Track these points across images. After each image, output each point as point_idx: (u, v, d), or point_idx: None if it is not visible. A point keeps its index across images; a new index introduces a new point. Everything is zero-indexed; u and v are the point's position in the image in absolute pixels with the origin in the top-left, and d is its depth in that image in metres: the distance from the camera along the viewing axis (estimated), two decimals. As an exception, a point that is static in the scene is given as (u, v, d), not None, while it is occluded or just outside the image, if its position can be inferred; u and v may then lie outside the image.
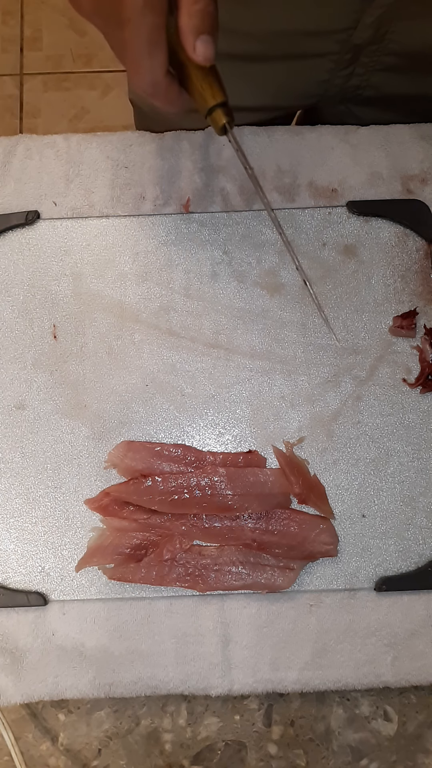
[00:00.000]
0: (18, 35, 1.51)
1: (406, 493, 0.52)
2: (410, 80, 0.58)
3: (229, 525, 0.51)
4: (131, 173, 0.57)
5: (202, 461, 0.52)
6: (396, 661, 0.50)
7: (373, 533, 0.52)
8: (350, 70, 0.56)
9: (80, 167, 0.57)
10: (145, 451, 0.52)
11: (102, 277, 0.55)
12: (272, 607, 0.51)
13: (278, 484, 0.51)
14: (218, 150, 0.57)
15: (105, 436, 0.53)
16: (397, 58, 0.55)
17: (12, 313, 0.55)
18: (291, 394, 0.54)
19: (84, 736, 0.52)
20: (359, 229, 0.56)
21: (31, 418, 0.53)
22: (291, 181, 0.57)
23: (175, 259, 0.55)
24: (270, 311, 0.55)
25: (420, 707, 0.52)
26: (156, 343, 0.54)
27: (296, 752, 0.52)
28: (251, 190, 0.57)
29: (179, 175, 0.57)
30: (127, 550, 0.51)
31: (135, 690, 0.50)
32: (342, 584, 0.51)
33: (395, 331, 0.54)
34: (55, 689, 0.50)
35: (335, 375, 0.54)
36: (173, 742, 0.52)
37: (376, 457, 0.53)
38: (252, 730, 0.52)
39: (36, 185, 0.57)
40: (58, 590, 0.51)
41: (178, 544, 0.50)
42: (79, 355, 0.54)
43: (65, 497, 0.52)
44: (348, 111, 0.63)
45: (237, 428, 0.53)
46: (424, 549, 0.51)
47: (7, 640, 0.51)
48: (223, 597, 0.51)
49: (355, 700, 0.52)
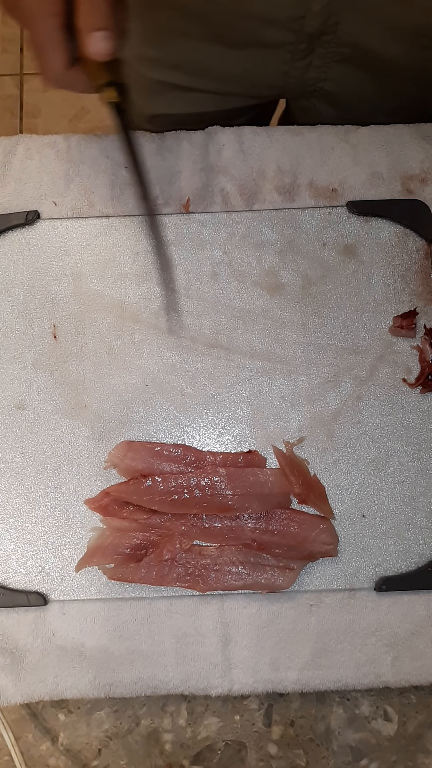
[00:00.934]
0: (18, 35, 1.51)
1: (406, 493, 0.52)
2: (369, 77, 0.59)
3: (229, 525, 0.51)
4: (131, 173, 0.57)
5: (202, 461, 0.52)
6: (396, 661, 0.50)
7: (373, 533, 0.52)
8: (308, 61, 0.57)
9: (80, 167, 0.57)
10: (145, 451, 0.52)
11: (102, 277, 0.55)
12: (272, 607, 0.51)
13: (278, 484, 0.51)
14: (218, 150, 0.57)
15: (105, 436, 0.53)
16: (351, 50, 0.56)
17: (12, 313, 0.55)
18: (291, 394, 0.54)
19: (84, 736, 0.52)
20: (359, 229, 0.56)
21: (31, 418, 0.53)
22: (291, 181, 0.57)
23: (175, 260, 0.55)
24: (270, 311, 0.55)
25: (420, 707, 0.52)
26: (156, 343, 0.54)
27: (296, 752, 0.52)
28: (251, 190, 0.57)
29: (179, 175, 0.57)
30: (127, 550, 0.51)
31: (135, 690, 0.50)
32: (342, 584, 0.51)
33: (395, 331, 0.54)
34: (55, 689, 0.50)
35: (335, 375, 0.54)
36: (173, 742, 0.52)
37: (376, 457, 0.53)
38: (252, 730, 0.52)
39: (36, 185, 0.57)
40: (58, 590, 0.51)
41: (178, 544, 0.50)
42: (79, 355, 0.54)
43: (65, 497, 0.52)
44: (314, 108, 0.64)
45: (237, 428, 0.53)
46: (424, 549, 0.51)
47: (7, 640, 0.51)
48: (223, 597, 0.51)
49: (355, 700, 0.52)
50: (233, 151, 0.57)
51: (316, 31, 0.53)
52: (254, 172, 0.57)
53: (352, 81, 0.59)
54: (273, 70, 0.59)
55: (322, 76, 0.59)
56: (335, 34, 0.54)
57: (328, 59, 0.57)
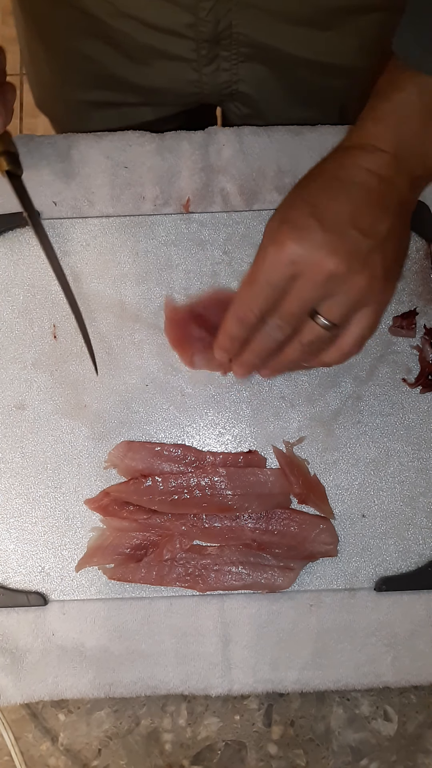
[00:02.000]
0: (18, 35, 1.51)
1: (406, 493, 0.52)
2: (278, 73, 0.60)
3: (229, 525, 0.51)
4: (131, 173, 0.57)
5: (202, 461, 0.52)
6: (396, 661, 0.50)
7: (373, 533, 0.52)
8: (215, 65, 0.58)
9: (80, 167, 0.57)
10: (145, 451, 0.52)
11: (102, 277, 0.55)
12: (272, 607, 0.51)
13: (278, 484, 0.51)
14: (218, 150, 0.57)
15: (105, 436, 0.53)
16: (251, 49, 0.57)
17: (12, 313, 0.55)
18: (291, 394, 0.54)
19: (84, 736, 0.52)
20: (359, 229, 0.56)
21: (31, 418, 0.53)
22: (291, 181, 0.57)
23: (175, 259, 0.55)
24: (270, 311, 0.55)
25: (420, 707, 0.52)
26: (156, 343, 0.54)
27: (296, 752, 0.52)
28: (251, 190, 0.57)
29: (179, 175, 0.57)
30: (127, 550, 0.51)
31: (135, 690, 0.50)
32: (342, 584, 0.51)
33: (395, 331, 0.54)
34: (55, 689, 0.50)
35: (335, 375, 0.54)
36: (173, 742, 0.52)
37: (376, 457, 0.53)
38: (252, 730, 0.52)
39: (36, 185, 0.57)
40: (58, 590, 0.51)
41: (178, 544, 0.50)
42: (79, 355, 0.54)
43: (65, 497, 0.52)
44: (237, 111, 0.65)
45: (237, 428, 0.53)
46: (424, 549, 0.51)
47: (7, 640, 0.51)
48: (223, 597, 0.51)
49: (355, 700, 0.52)
50: (233, 151, 0.57)
51: (212, 36, 0.55)
52: (254, 172, 0.57)
53: (263, 79, 0.60)
54: (185, 79, 0.60)
55: (233, 78, 0.60)
56: (231, 37, 0.55)
57: (233, 61, 0.58)
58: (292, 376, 0.54)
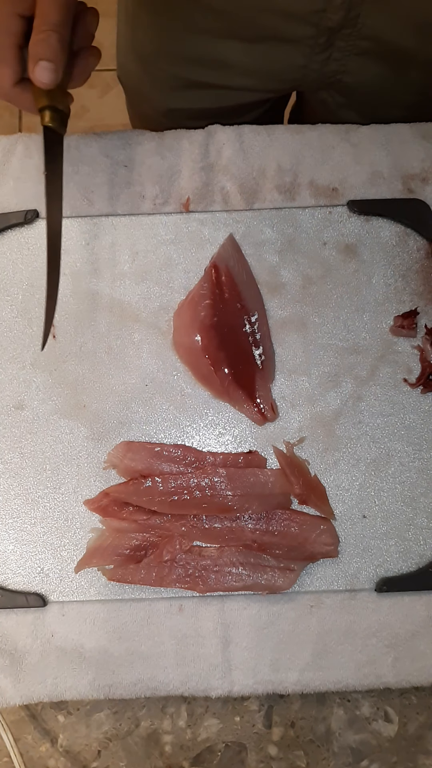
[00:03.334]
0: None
1: (407, 494, 0.52)
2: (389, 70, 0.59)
3: (229, 526, 0.51)
4: (131, 172, 0.57)
5: (202, 462, 0.52)
6: (397, 662, 0.50)
7: (373, 534, 0.51)
8: (327, 54, 0.57)
9: (79, 166, 0.57)
10: (145, 451, 0.52)
11: (101, 276, 0.55)
12: (272, 608, 0.51)
13: (279, 485, 0.51)
14: (218, 149, 0.57)
15: (104, 436, 0.53)
16: (372, 43, 0.56)
17: (11, 313, 0.55)
18: (291, 394, 0.53)
19: (83, 737, 0.52)
20: (360, 228, 0.55)
21: (30, 418, 0.53)
22: (291, 180, 0.57)
23: (174, 259, 0.55)
24: (270, 310, 0.54)
25: (421, 708, 0.52)
26: (156, 343, 0.54)
27: (296, 753, 0.51)
28: (252, 190, 0.56)
29: (179, 174, 0.57)
30: (126, 551, 0.51)
31: (135, 691, 0.50)
32: (343, 585, 0.51)
33: (396, 331, 0.54)
34: (55, 690, 0.50)
35: (336, 375, 0.53)
36: (173, 743, 0.52)
37: (376, 458, 0.52)
38: (252, 731, 0.52)
39: (35, 184, 0.57)
40: (57, 591, 0.51)
41: (177, 545, 0.50)
42: (79, 355, 0.54)
43: (64, 498, 0.52)
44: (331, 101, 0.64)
45: (237, 428, 0.53)
46: (425, 549, 0.51)
47: (7, 642, 0.51)
48: (223, 598, 0.51)
49: (355, 701, 0.52)
50: (233, 150, 0.57)
51: (336, 25, 0.53)
52: (254, 171, 0.57)
53: (372, 74, 0.59)
54: (292, 64, 0.59)
55: (341, 68, 0.59)
56: (356, 28, 0.54)
57: (348, 52, 0.57)
58: (292, 376, 0.53)
